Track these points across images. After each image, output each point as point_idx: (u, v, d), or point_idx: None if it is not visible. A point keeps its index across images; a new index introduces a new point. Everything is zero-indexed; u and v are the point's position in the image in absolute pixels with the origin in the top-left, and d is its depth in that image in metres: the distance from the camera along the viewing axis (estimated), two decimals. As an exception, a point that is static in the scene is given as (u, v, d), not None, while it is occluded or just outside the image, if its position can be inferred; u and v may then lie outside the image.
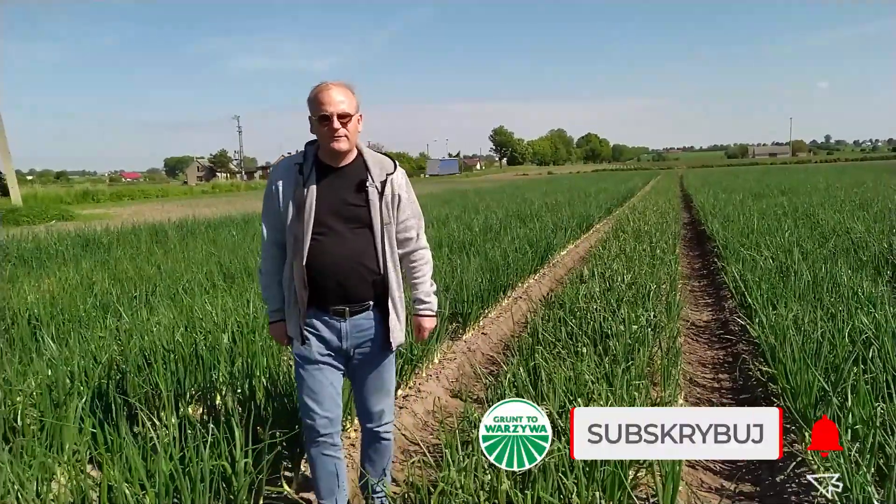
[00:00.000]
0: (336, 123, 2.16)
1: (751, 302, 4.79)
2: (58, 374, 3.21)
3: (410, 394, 3.98)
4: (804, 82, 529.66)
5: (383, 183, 2.28)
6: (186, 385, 3.40)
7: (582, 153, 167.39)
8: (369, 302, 2.31)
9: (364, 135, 2.36)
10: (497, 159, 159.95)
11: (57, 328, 4.70)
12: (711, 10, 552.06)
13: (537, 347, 3.75)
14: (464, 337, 5.22)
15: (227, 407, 3.18)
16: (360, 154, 2.32)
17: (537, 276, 7.74)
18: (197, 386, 3.46)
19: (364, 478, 2.53)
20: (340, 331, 2.30)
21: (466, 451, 2.43)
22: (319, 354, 2.31)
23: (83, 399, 3.02)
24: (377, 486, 2.49)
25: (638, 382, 3.19)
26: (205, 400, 3.42)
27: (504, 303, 6.36)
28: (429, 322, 2.49)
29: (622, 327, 4.04)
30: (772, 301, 4.76)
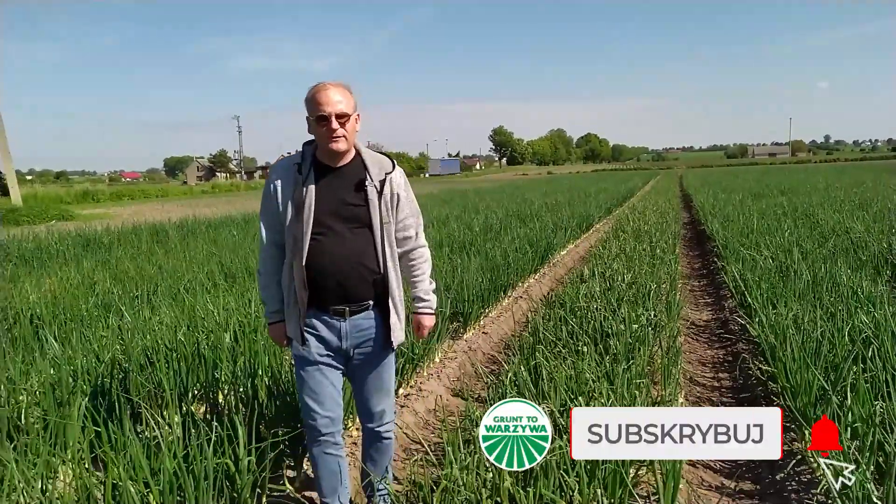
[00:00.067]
0: (334, 124, 2.16)
1: (751, 301, 4.81)
2: (61, 373, 3.22)
3: (412, 392, 3.99)
4: (804, 82, 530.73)
5: (382, 182, 2.28)
6: (189, 384, 3.41)
7: (581, 153, 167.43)
8: (369, 301, 2.31)
9: (364, 135, 2.37)
10: (497, 159, 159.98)
11: (59, 327, 4.71)
12: (711, 10, 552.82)
13: (538, 346, 3.77)
14: (465, 336, 5.23)
15: (230, 405, 3.20)
16: (359, 153, 2.31)
17: (538, 276, 7.75)
18: (199, 385, 3.47)
19: (366, 476, 2.53)
20: (340, 331, 2.30)
21: (468, 450, 2.45)
22: (319, 355, 2.31)
23: (86, 398, 3.03)
24: (380, 485, 2.50)
25: (638, 381, 3.20)
26: (207, 399, 3.43)
27: (504, 302, 6.37)
28: (428, 320, 2.50)
29: (622, 326, 4.05)
30: (771, 300, 4.77)
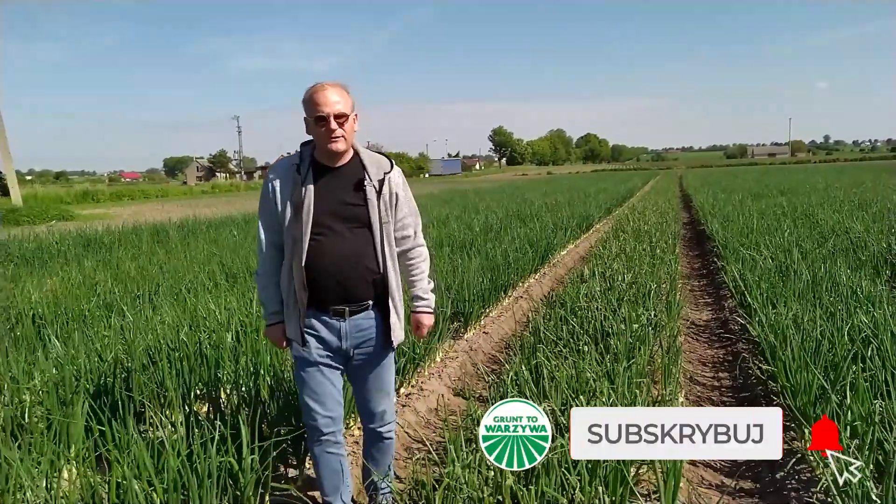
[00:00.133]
0: (333, 124, 2.16)
1: (750, 301, 4.82)
2: (64, 373, 3.23)
3: (413, 392, 4.00)
4: (803, 82, 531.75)
5: (381, 182, 2.28)
6: (192, 383, 3.43)
7: (581, 153, 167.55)
8: (369, 301, 2.32)
9: (364, 135, 2.39)
10: (496, 159, 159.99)
11: (61, 327, 4.73)
12: (711, 10, 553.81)
13: (539, 346, 3.78)
14: (465, 336, 5.24)
15: (233, 405, 3.21)
16: (357, 153, 2.31)
17: (538, 276, 7.76)
18: (202, 384, 3.49)
19: (368, 475, 2.54)
20: (340, 331, 2.30)
21: (470, 448, 2.46)
22: (319, 355, 2.31)
23: (89, 397, 3.05)
24: (382, 483, 2.51)
25: (639, 380, 3.22)
26: (210, 398, 3.44)
27: (505, 302, 6.38)
28: (427, 319, 2.50)
29: (623, 326, 4.07)
30: (771, 300, 4.78)
